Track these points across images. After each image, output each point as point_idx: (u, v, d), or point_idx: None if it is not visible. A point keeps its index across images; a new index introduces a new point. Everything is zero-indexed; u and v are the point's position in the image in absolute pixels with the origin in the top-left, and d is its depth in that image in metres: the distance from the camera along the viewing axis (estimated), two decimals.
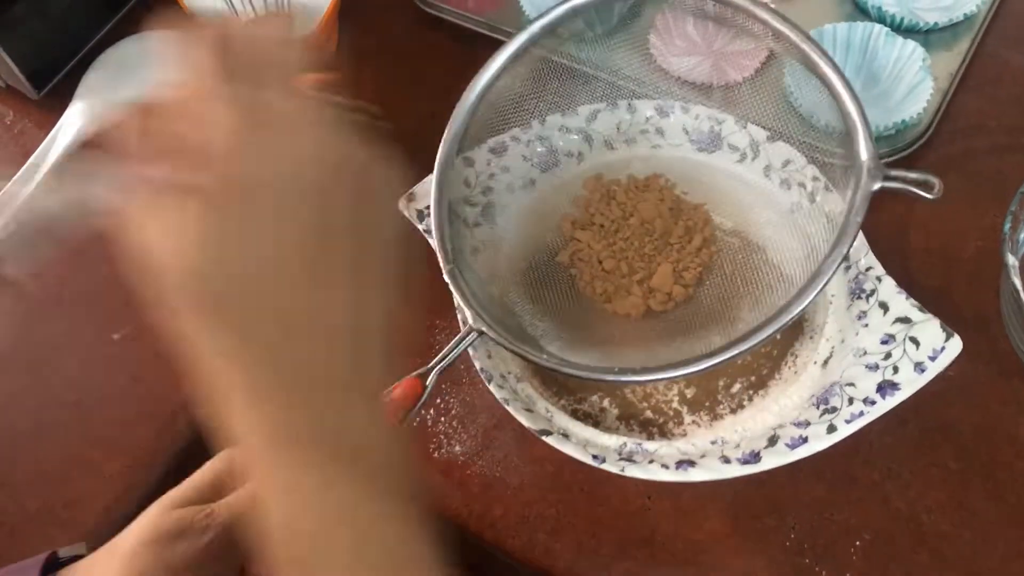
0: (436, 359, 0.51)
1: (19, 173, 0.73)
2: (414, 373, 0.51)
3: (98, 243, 0.72)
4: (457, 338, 0.52)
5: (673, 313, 0.58)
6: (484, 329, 0.52)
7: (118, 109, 0.75)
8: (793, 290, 0.55)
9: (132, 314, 0.68)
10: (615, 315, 0.59)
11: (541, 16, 0.57)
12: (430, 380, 0.51)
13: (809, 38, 0.53)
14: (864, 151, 0.51)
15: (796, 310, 0.49)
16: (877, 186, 0.51)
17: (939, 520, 0.56)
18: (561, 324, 0.58)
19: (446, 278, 0.54)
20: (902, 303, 0.53)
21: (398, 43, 0.78)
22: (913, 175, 0.50)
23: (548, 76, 0.60)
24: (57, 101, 0.76)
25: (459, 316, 0.56)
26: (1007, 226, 0.56)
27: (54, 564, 0.47)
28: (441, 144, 0.57)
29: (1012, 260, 0.55)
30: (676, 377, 0.50)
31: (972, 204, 0.64)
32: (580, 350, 0.56)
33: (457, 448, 0.60)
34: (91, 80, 0.76)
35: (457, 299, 0.54)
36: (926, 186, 0.49)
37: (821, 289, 0.49)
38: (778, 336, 0.51)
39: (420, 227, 0.59)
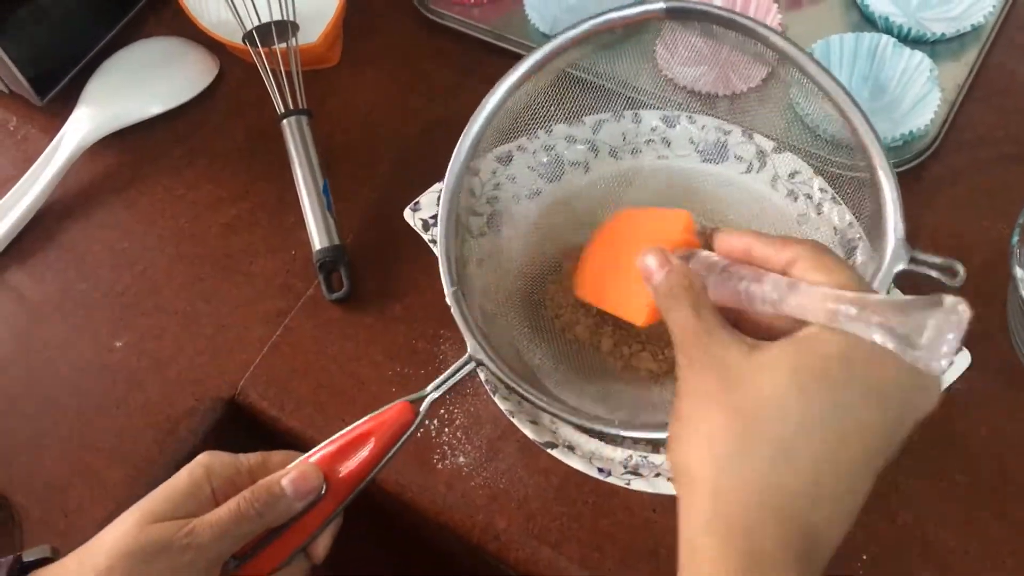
0: (432, 385, 0.51)
1: (22, 180, 0.72)
2: (407, 398, 0.50)
3: (100, 250, 0.72)
4: (454, 366, 0.52)
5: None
6: (483, 360, 0.51)
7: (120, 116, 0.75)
8: None
9: (133, 322, 0.68)
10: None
11: (564, 32, 0.57)
12: (423, 407, 0.50)
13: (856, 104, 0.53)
14: (893, 233, 0.51)
15: None
16: (900, 267, 0.50)
17: (946, 535, 0.55)
18: (557, 356, 0.58)
19: (448, 301, 0.54)
20: None
21: (402, 50, 0.78)
22: (938, 260, 0.49)
23: (554, 86, 0.60)
24: (61, 107, 0.76)
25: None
26: (1015, 238, 0.56)
27: (19, 568, 0.46)
28: (450, 164, 0.56)
29: (1020, 272, 0.55)
30: None
31: (979, 216, 0.64)
32: (576, 385, 0.56)
33: (461, 459, 0.60)
34: (95, 86, 0.76)
35: (460, 325, 0.53)
36: (950, 272, 0.49)
37: None
38: None
39: (426, 237, 0.59)
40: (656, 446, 0.53)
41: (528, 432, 0.52)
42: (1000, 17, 0.70)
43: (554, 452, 0.52)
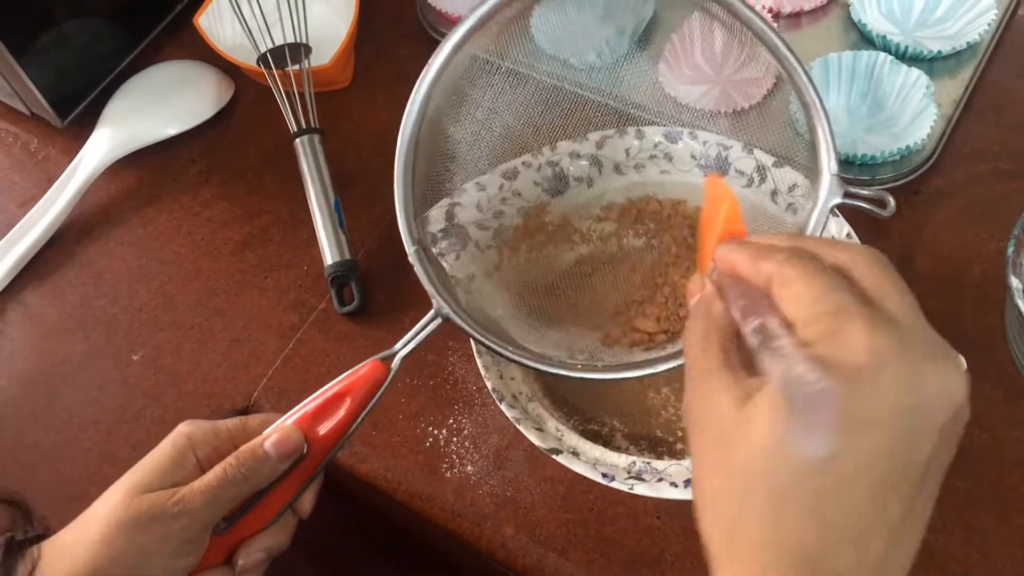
0: (401, 342, 0.53)
1: (42, 199, 0.74)
2: (378, 356, 0.52)
3: (118, 266, 0.74)
4: (421, 322, 0.53)
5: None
6: (450, 315, 0.53)
7: (140, 137, 0.77)
8: None
9: (150, 337, 0.69)
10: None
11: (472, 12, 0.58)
12: (394, 364, 0.52)
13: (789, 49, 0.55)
14: (827, 169, 0.53)
15: None
16: (835, 202, 0.52)
17: (947, 541, 0.56)
18: (538, 317, 0.59)
19: (411, 259, 0.55)
20: None
21: (413, 72, 0.80)
22: (869, 193, 0.51)
23: (559, 103, 0.62)
24: (81, 128, 0.78)
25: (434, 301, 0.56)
26: (1011, 250, 0.57)
27: (12, 546, 0.48)
28: (404, 116, 0.57)
29: (1017, 283, 0.56)
30: (640, 376, 0.52)
31: (977, 228, 0.65)
32: (544, 336, 0.57)
33: (469, 468, 0.61)
34: (114, 108, 0.78)
35: (423, 282, 0.54)
36: (880, 204, 0.50)
37: None
38: None
39: (433, 250, 0.60)
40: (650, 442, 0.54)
41: (534, 439, 0.53)
42: (995, 35, 0.71)
43: (559, 458, 0.53)
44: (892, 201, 0.50)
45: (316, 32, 0.77)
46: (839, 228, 0.58)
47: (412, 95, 0.57)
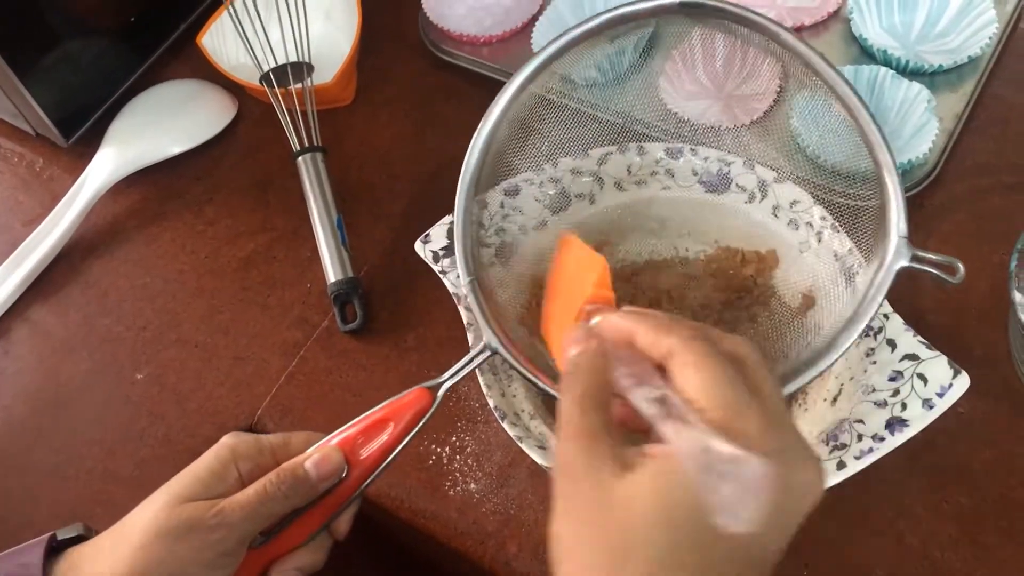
0: (448, 373, 0.53)
1: (47, 218, 0.75)
2: (424, 384, 0.52)
3: (123, 285, 0.74)
4: (470, 354, 0.53)
5: None
6: (498, 348, 0.53)
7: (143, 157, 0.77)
8: (805, 335, 0.56)
9: (154, 355, 0.70)
10: None
11: (538, 54, 0.58)
12: (440, 393, 0.52)
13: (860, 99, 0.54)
14: (895, 231, 0.52)
15: (803, 379, 0.51)
16: (901, 264, 0.51)
17: (952, 557, 0.56)
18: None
19: (464, 291, 0.55)
20: (909, 340, 0.54)
21: (415, 89, 0.80)
22: (938, 258, 0.51)
23: (560, 120, 0.62)
24: (85, 148, 0.79)
25: (469, 336, 0.56)
26: (1014, 264, 0.57)
27: (54, 546, 0.48)
28: (465, 161, 0.58)
29: (1020, 298, 0.56)
30: None
31: (979, 243, 0.65)
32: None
33: (472, 486, 0.61)
34: (118, 127, 0.79)
35: (475, 314, 0.54)
36: (949, 270, 0.50)
37: (838, 358, 0.51)
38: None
39: (436, 268, 0.60)
40: None
41: (537, 458, 0.53)
42: (997, 49, 0.71)
43: None
44: (962, 268, 0.50)
45: (318, 50, 0.77)
46: (841, 243, 0.58)
47: (477, 130, 0.58)
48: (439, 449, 0.62)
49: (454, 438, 0.63)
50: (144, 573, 0.46)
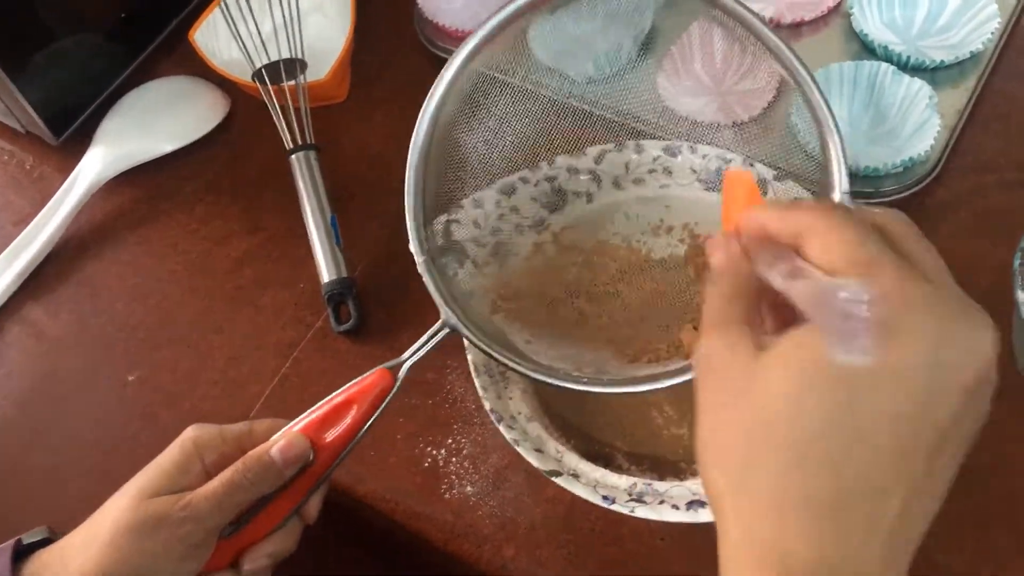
0: (408, 352, 0.53)
1: (38, 217, 0.74)
2: (385, 364, 0.52)
3: (114, 285, 0.73)
4: (429, 332, 0.53)
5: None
6: (457, 325, 0.53)
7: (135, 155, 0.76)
8: None
9: (147, 356, 0.69)
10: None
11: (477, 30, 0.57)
12: (401, 372, 0.52)
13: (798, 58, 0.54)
14: (839, 187, 0.52)
15: None
16: None
17: (957, 560, 0.55)
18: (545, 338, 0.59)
19: (420, 271, 0.55)
20: None
21: (411, 87, 0.79)
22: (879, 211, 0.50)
23: (556, 117, 0.61)
24: (76, 146, 0.78)
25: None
26: (1017, 262, 0.56)
27: (20, 550, 0.48)
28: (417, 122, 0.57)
29: (1022, 296, 0.55)
30: (644, 392, 0.51)
31: (982, 240, 0.64)
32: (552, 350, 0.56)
33: (468, 488, 0.60)
34: (109, 125, 0.78)
35: (432, 292, 0.54)
36: None
37: None
38: None
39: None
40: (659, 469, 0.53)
41: (533, 460, 0.53)
42: (999, 44, 0.70)
43: (559, 480, 0.52)
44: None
45: (312, 47, 0.76)
46: None
47: (424, 104, 0.57)
48: (434, 451, 0.62)
49: (450, 440, 0.62)
50: (114, 570, 0.45)
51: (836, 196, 0.52)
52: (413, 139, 0.57)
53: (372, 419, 0.51)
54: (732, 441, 0.34)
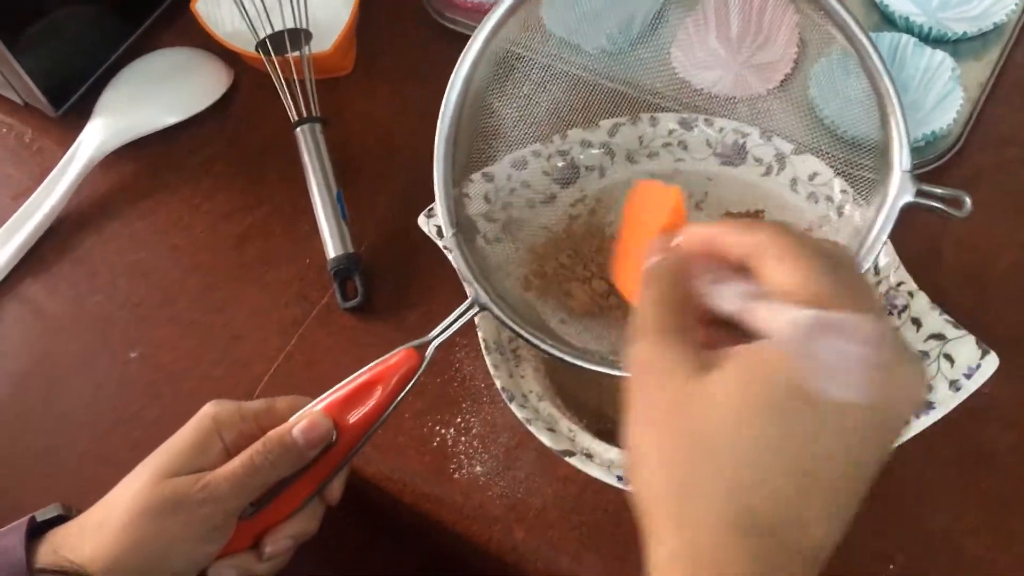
0: (436, 331, 0.51)
1: (37, 191, 0.72)
2: (412, 343, 0.50)
3: (115, 261, 0.72)
4: (458, 311, 0.51)
5: None
6: (487, 303, 0.51)
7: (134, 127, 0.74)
8: None
9: (148, 333, 0.67)
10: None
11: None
12: (428, 352, 0.50)
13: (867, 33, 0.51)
14: (899, 166, 0.49)
15: None
16: (906, 200, 0.49)
17: (974, 544, 0.54)
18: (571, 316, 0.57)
19: (448, 245, 0.53)
20: (936, 319, 0.52)
21: (417, 58, 0.78)
22: (943, 191, 0.48)
23: (569, 90, 0.59)
24: (76, 118, 0.76)
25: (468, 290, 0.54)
26: None
27: (33, 528, 0.47)
28: (446, 94, 0.56)
29: None
30: None
31: (1005, 217, 0.63)
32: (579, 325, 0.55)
33: (478, 468, 0.59)
34: (109, 97, 0.76)
35: (462, 268, 0.52)
36: (956, 203, 0.48)
37: None
38: None
39: (440, 243, 0.58)
40: None
41: (545, 440, 0.51)
42: (1023, 15, 0.68)
43: (572, 460, 0.51)
44: (968, 201, 0.48)
45: (317, 17, 0.75)
46: (862, 217, 0.56)
47: (452, 77, 0.55)
48: (443, 431, 0.60)
49: (459, 419, 0.61)
50: (131, 552, 0.44)
51: (896, 175, 0.50)
52: (442, 109, 0.55)
53: (398, 400, 0.49)
54: (673, 455, 0.33)
